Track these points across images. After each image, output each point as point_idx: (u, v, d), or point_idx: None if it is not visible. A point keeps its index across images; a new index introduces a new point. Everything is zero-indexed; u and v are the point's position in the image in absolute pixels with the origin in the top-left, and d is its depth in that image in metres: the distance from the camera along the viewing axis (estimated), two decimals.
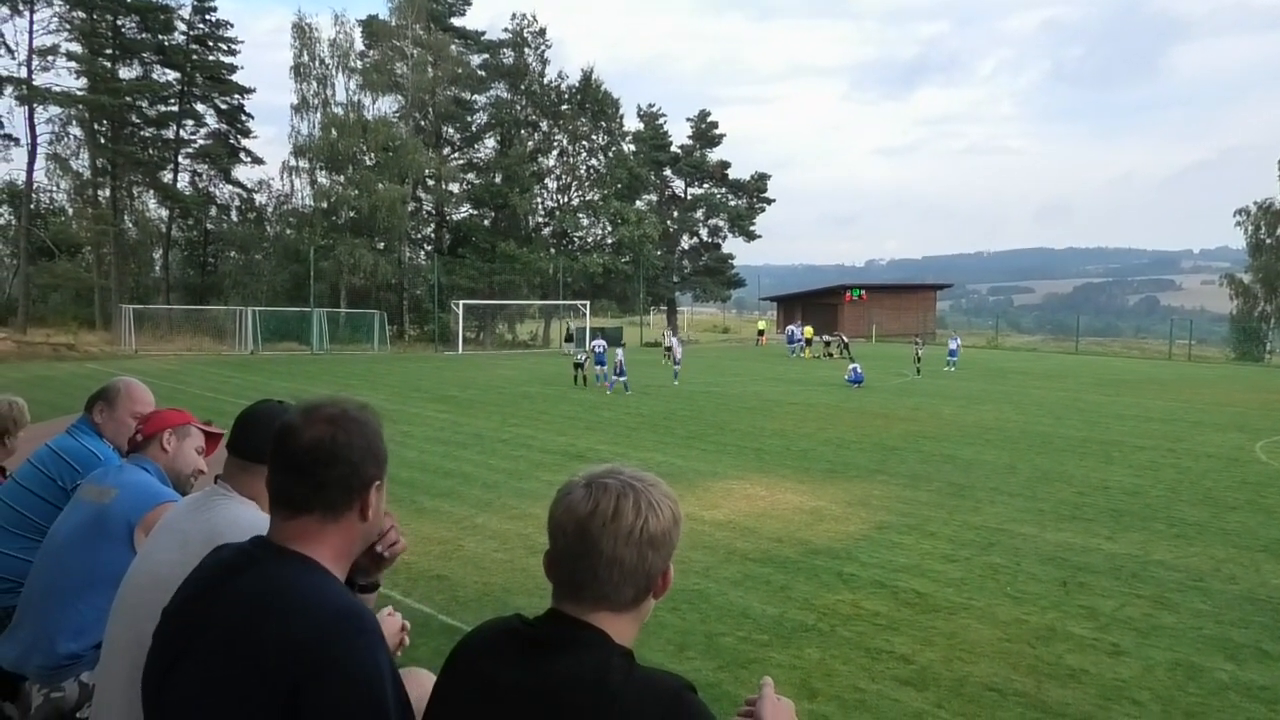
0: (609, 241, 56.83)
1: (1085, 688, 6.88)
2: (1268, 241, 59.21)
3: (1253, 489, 14.59)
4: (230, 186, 55.57)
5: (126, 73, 50.22)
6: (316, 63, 51.13)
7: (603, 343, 30.66)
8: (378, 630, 1.84)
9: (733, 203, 64.30)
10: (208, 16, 52.40)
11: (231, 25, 53.25)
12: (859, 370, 29.73)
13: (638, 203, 59.20)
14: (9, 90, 45.75)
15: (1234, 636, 8.05)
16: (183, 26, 51.71)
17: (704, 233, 65.37)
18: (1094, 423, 21.92)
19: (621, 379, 27.19)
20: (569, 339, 49.33)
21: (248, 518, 2.39)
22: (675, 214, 63.68)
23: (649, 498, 1.65)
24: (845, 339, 44.90)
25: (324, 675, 1.70)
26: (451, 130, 58.12)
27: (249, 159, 55.48)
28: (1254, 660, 7.52)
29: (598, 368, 28.66)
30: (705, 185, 64.80)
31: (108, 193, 50.45)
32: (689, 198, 64.71)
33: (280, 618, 1.76)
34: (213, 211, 55.26)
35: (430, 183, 54.85)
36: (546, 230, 58.47)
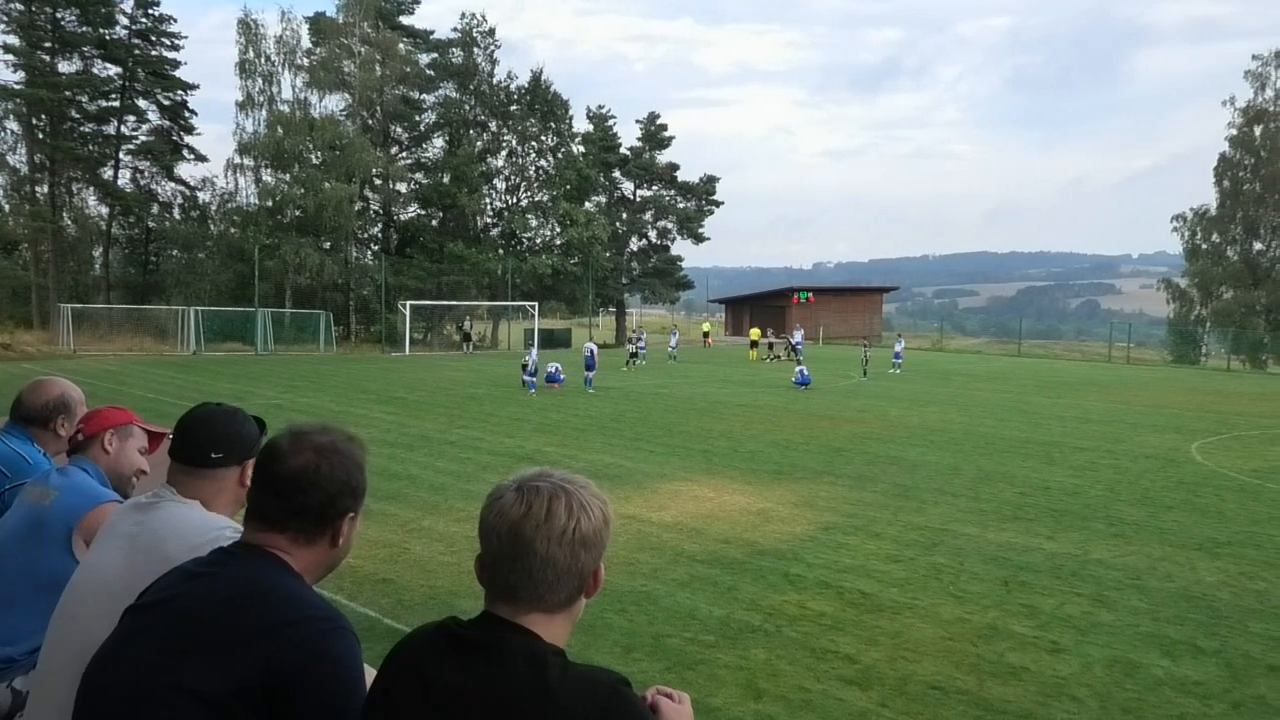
0: (558, 243, 56.58)
1: (1026, 685, 7.00)
2: (1203, 247, 60.59)
3: (1188, 489, 14.94)
4: (173, 184, 54.40)
5: (66, 66, 48.96)
6: (262, 60, 50.34)
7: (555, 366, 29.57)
8: (355, 631, 1.89)
9: (681, 205, 64.38)
10: (150, 11, 51.23)
11: (175, 20, 52.17)
12: (805, 372, 29.98)
13: (587, 204, 58.98)
14: None
15: (1170, 633, 8.24)
16: (124, 20, 50.48)
17: (653, 235, 65.38)
18: (1036, 424, 22.29)
19: (559, 382, 28.02)
20: (466, 338, 49.48)
21: (196, 517, 2.36)
22: (624, 216, 63.60)
23: (580, 499, 1.68)
24: (792, 341, 45.10)
25: (310, 668, 1.76)
26: (399, 129, 57.53)
27: (192, 156, 54.32)
28: (1189, 656, 7.70)
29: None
30: (654, 187, 64.80)
31: (46, 189, 49.20)
32: (638, 200, 64.67)
33: (259, 606, 1.81)
34: (155, 209, 54.02)
35: (378, 182, 54.26)
36: (495, 231, 58.11)
